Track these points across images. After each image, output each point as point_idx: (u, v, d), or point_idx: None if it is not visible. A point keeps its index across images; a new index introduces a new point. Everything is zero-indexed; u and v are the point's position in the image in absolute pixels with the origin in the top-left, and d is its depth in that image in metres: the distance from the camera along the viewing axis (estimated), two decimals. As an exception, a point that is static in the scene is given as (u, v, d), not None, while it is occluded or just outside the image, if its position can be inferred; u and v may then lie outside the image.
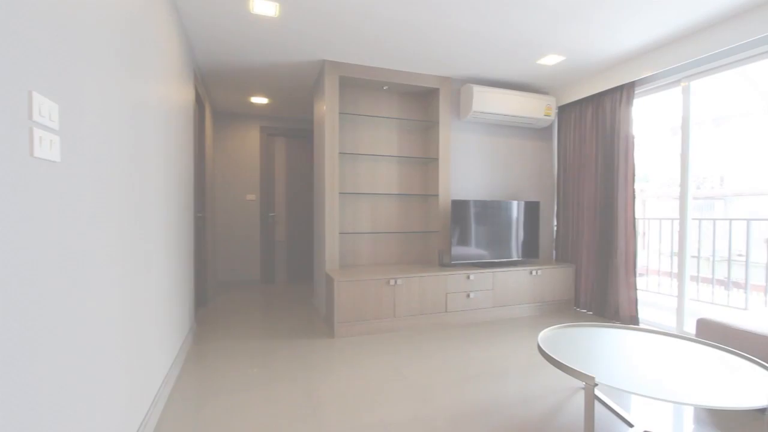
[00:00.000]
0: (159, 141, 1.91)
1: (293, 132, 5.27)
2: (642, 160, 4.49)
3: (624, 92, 3.29)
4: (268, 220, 5.21)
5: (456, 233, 3.49)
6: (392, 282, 3.10)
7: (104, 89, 1.20)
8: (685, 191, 3.03)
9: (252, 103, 4.57)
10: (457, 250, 3.49)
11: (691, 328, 3.02)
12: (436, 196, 3.66)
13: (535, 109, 3.74)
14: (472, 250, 3.58)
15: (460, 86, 3.75)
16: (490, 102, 3.56)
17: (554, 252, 4.17)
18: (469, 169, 3.86)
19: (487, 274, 3.47)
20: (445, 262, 3.60)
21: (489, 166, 3.94)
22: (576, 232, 3.84)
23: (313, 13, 2.49)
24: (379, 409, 1.92)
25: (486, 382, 2.23)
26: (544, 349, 1.75)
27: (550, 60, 3.22)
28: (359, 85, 3.53)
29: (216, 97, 4.38)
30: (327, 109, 3.26)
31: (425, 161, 3.82)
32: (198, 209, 3.61)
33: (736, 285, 3.84)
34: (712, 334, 2.08)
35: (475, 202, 3.57)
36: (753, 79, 4.19)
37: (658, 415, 1.90)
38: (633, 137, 3.27)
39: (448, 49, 3.04)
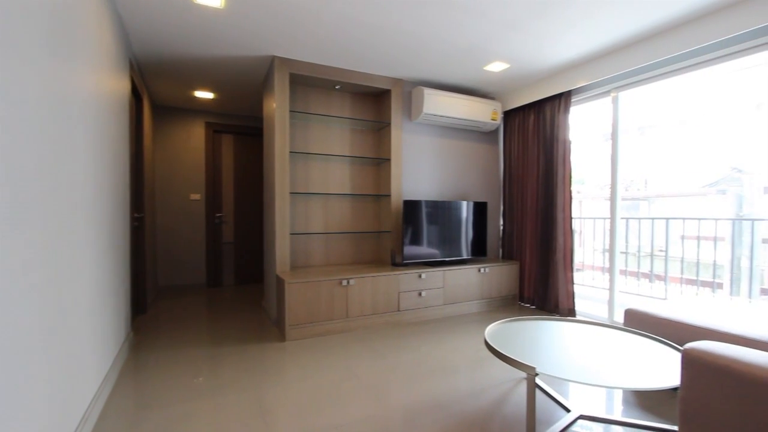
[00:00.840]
0: (88, 135, 1.75)
1: (241, 129, 5.07)
2: (579, 164, 4.84)
3: (562, 100, 3.52)
4: (215, 220, 4.97)
5: (408, 233, 3.54)
6: (345, 282, 3.09)
7: (19, 76, 1.08)
8: (615, 193, 3.31)
9: (196, 97, 4.33)
10: (409, 249, 3.55)
11: (620, 318, 3.29)
12: (389, 196, 3.69)
13: (483, 113, 3.90)
14: (424, 250, 3.65)
15: (411, 88, 3.81)
16: (441, 105, 3.65)
17: (501, 250, 4.37)
18: (421, 169, 3.94)
19: (438, 272, 3.56)
20: (398, 262, 3.64)
21: (439, 167, 4.05)
22: (520, 230, 4.05)
23: (262, 7, 2.41)
24: (332, 411, 1.90)
25: (437, 378, 2.28)
26: (490, 343, 1.83)
27: (496, 67, 3.37)
28: (311, 83, 3.48)
29: (155, 90, 4.11)
30: (277, 106, 3.18)
31: (377, 162, 3.84)
32: (136, 209, 3.37)
33: (658, 277, 4.26)
34: (638, 322, 2.29)
35: (427, 202, 3.65)
36: (668, 94, 4.67)
37: (593, 399, 2.06)
38: (570, 143, 3.51)
39: (399, 52, 3.08)
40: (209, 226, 4.93)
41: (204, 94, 4.22)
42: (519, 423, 1.80)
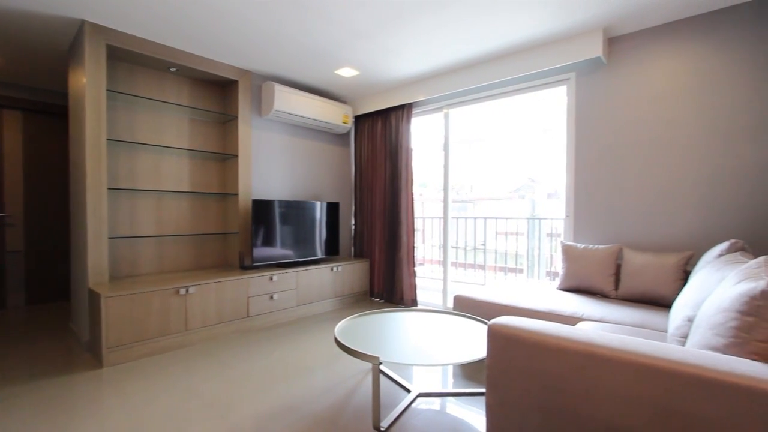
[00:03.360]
0: None
1: (36, 106, 3.98)
2: (422, 169, 5.41)
3: (405, 111, 3.88)
4: (-7, 223, 3.78)
5: (259, 234, 3.36)
6: (183, 291, 2.74)
7: None
8: (447, 196, 3.81)
9: (-42, 57, 3.21)
10: (260, 251, 3.37)
11: (451, 304, 3.81)
12: (236, 195, 3.43)
13: (335, 115, 3.99)
14: (277, 251, 3.52)
15: (261, 82, 3.63)
16: (293, 103, 3.59)
17: (353, 248, 4.56)
18: (272, 168, 3.79)
19: (291, 273, 3.49)
20: (247, 265, 3.42)
21: (292, 166, 3.97)
22: (370, 230, 4.30)
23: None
24: (162, 441, 1.65)
25: (292, 381, 2.23)
26: (339, 339, 1.88)
27: (347, 72, 3.49)
28: (138, 60, 2.96)
29: None
30: (88, 82, 2.60)
31: (223, 157, 3.53)
32: None
33: (480, 267, 5.09)
34: (464, 306, 2.68)
35: (279, 202, 3.53)
36: (489, 114, 5.64)
37: (431, 377, 2.32)
38: (411, 150, 3.89)
39: (246, 43, 2.89)
40: (-17, 231, 3.71)
41: (-28, 55, 3.16)
42: (368, 410, 1.90)
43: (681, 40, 2.54)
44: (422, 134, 4.70)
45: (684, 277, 2.29)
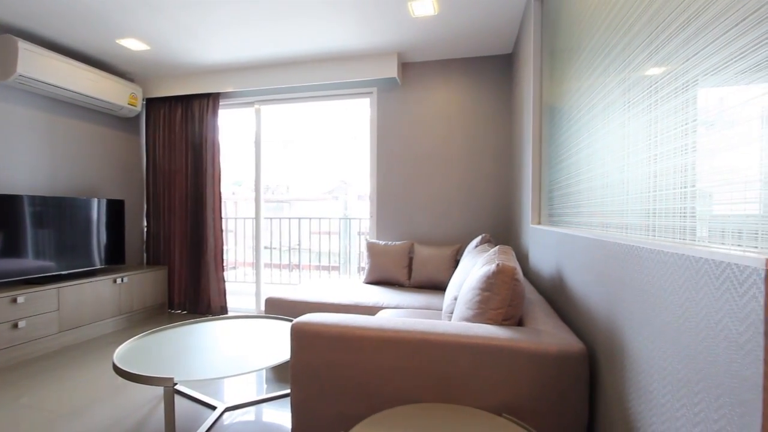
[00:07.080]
0: None
1: None
2: (236, 167, 5.04)
3: (211, 101, 3.53)
4: None
5: (-8, 242, 2.46)
6: None
7: None
8: (258, 195, 3.68)
9: None
10: (-5, 265, 2.47)
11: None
12: (-51, 187, 2.43)
13: (118, 94, 3.29)
14: (25, 263, 2.66)
15: (-3, 35, 2.67)
16: (50, 70, 2.77)
17: (145, 255, 3.86)
18: (18, 153, 2.83)
19: (50, 291, 2.69)
20: (-29, 286, 2.46)
21: (52, 152, 3.07)
22: (168, 232, 3.73)
23: None
24: None
25: (53, 430, 1.71)
26: (118, 365, 1.55)
27: (132, 44, 2.93)
28: None
29: None
30: None
31: None
32: None
33: (296, 267, 5.11)
34: (276, 308, 2.63)
35: (31, 198, 2.68)
36: (304, 115, 5.72)
37: (243, 388, 2.18)
38: (219, 144, 3.57)
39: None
40: None
41: None
42: (158, 444, 1.64)
43: (451, 75, 3.17)
44: (235, 129, 4.39)
45: (455, 265, 2.86)
